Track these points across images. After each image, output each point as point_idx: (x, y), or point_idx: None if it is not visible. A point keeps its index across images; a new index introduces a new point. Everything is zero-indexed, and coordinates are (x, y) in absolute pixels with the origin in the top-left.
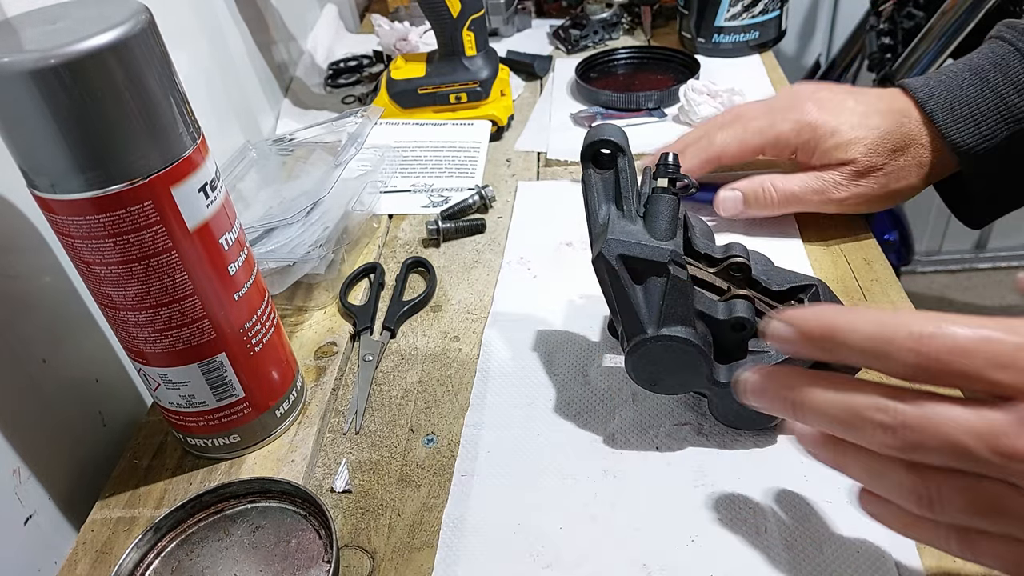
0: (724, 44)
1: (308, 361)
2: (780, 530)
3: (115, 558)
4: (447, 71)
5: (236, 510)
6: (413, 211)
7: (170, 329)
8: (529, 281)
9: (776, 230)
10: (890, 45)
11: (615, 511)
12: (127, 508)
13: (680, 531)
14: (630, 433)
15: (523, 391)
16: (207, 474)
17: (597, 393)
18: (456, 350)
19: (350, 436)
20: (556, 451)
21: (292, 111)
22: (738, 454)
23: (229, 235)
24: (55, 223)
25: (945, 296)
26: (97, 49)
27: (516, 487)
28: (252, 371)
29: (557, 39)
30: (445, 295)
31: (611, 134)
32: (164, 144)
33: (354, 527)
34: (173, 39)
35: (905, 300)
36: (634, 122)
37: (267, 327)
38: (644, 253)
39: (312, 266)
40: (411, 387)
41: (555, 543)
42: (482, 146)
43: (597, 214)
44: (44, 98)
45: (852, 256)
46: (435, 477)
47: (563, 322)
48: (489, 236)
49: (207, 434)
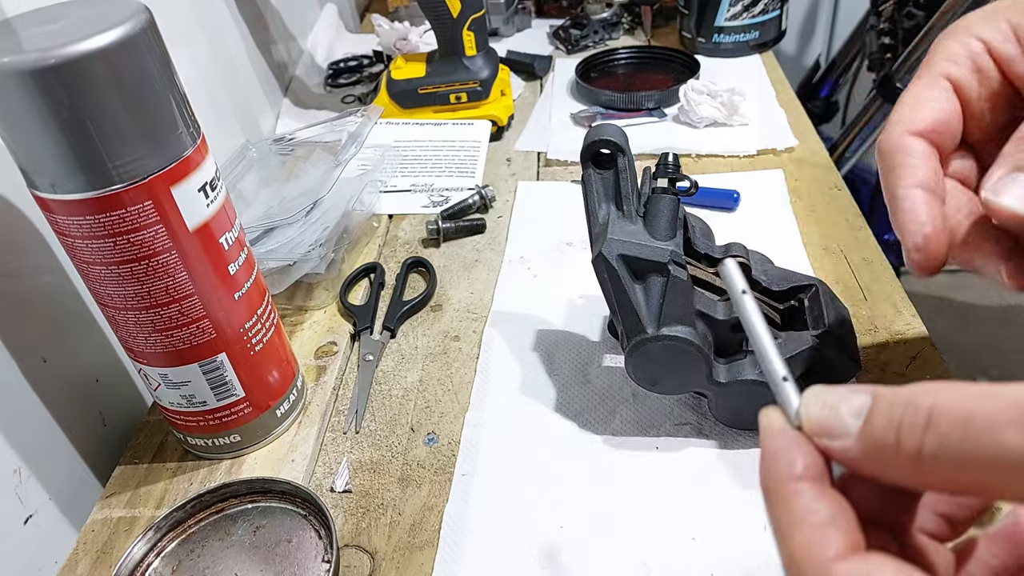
0: (724, 44)
1: (308, 361)
2: None
3: (115, 558)
4: (447, 71)
5: (236, 510)
6: (413, 211)
7: (170, 329)
8: (529, 281)
9: (776, 230)
10: (890, 45)
11: (615, 511)
12: (127, 508)
13: (680, 531)
14: (630, 433)
15: (523, 391)
16: (207, 474)
17: (597, 393)
18: (456, 350)
19: (350, 436)
20: (556, 451)
21: (292, 111)
22: (738, 454)
23: (229, 235)
24: (55, 223)
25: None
26: (97, 49)
27: (516, 487)
28: (252, 371)
29: (557, 39)
30: (445, 295)
31: (611, 134)
32: (164, 144)
33: (354, 527)
34: (173, 39)
35: (905, 300)
36: (634, 122)
37: (267, 327)
38: (644, 253)
39: (312, 266)
40: (411, 387)
41: (555, 543)
42: (482, 146)
43: (597, 214)
44: (44, 98)
45: (852, 256)
46: (435, 477)
47: (563, 322)
48: (489, 236)
49: (207, 434)
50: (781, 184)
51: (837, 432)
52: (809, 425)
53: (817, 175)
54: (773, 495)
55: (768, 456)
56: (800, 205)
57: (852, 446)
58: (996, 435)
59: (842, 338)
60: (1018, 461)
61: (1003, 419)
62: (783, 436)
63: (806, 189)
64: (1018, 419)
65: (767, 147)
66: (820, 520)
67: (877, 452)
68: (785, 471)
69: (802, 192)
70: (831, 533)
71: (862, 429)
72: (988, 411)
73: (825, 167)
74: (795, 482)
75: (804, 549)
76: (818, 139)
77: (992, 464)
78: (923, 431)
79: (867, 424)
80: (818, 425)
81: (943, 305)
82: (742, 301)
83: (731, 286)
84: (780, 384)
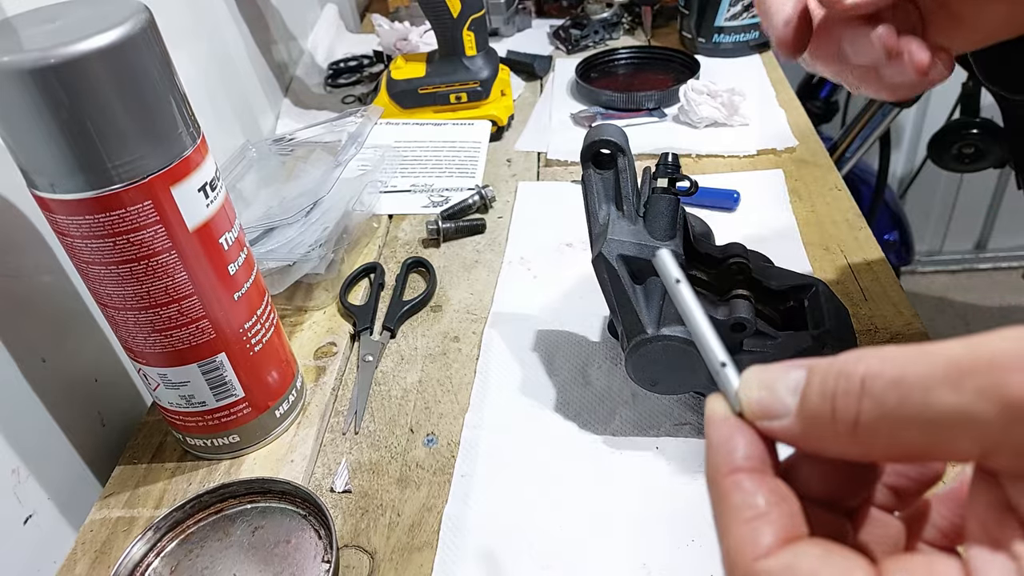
0: (724, 44)
1: (308, 361)
2: None
3: (114, 558)
4: (447, 71)
5: (236, 510)
6: (413, 211)
7: (170, 329)
8: (529, 281)
9: (776, 230)
10: None
11: (615, 511)
12: (127, 508)
13: (680, 531)
14: (630, 433)
15: (523, 391)
16: (207, 474)
17: (597, 393)
18: (456, 350)
19: (350, 436)
20: (556, 451)
21: (292, 111)
22: None
23: (229, 235)
24: (55, 223)
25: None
26: (97, 49)
27: (516, 487)
28: (252, 371)
29: (557, 39)
30: (445, 295)
31: (611, 134)
32: (164, 144)
33: (354, 527)
34: (173, 39)
35: (905, 300)
36: (634, 122)
37: (267, 327)
38: (644, 253)
39: (312, 266)
40: (411, 387)
41: (555, 543)
42: (482, 146)
43: (597, 214)
44: (44, 98)
45: (852, 256)
46: (435, 477)
47: (563, 322)
48: (489, 236)
49: (207, 434)
50: (781, 184)
51: (776, 411)
52: (748, 408)
53: (817, 175)
54: (714, 488)
55: (711, 448)
56: (800, 205)
57: (791, 424)
58: (931, 395)
59: (842, 338)
60: (954, 419)
61: (937, 378)
62: (724, 425)
63: (806, 189)
64: (951, 377)
65: (767, 147)
66: (752, 514)
67: (816, 426)
68: (724, 463)
69: (802, 192)
70: (762, 527)
71: (799, 405)
72: (921, 371)
73: (825, 167)
74: (733, 474)
75: (736, 545)
76: (818, 139)
77: (930, 424)
78: (858, 399)
79: (803, 399)
80: (757, 407)
81: (943, 305)
82: (677, 290)
83: (665, 276)
84: (720, 371)
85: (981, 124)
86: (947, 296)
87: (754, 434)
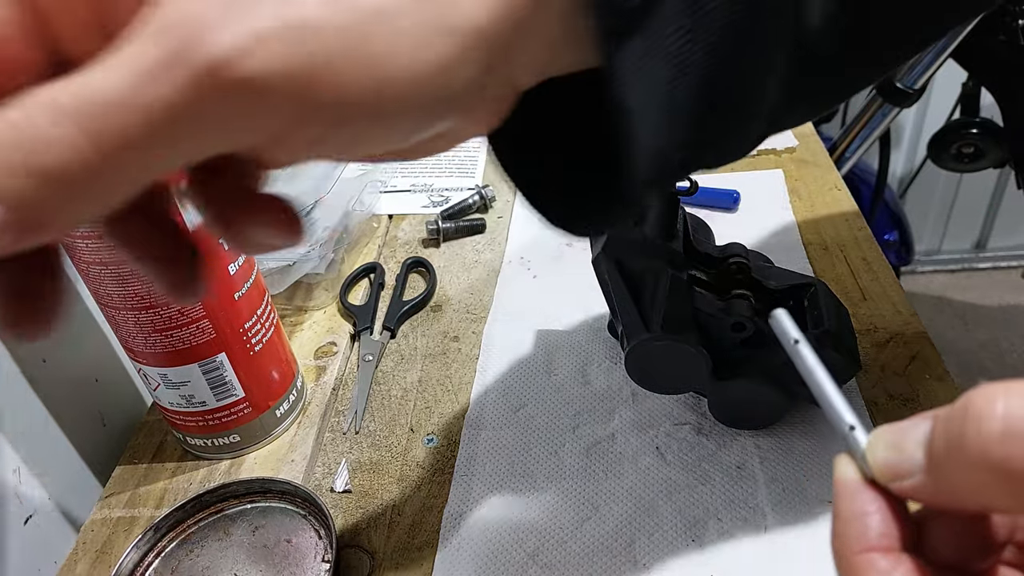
0: None
1: (308, 361)
2: (780, 530)
3: (115, 558)
4: None
5: (236, 510)
6: (413, 211)
7: (170, 329)
8: (529, 281)
9: (776, 230)
10: None
11: (615, 511)
12: (127, 508)
13: (680, 531)
14: (630, 433)
15: (523, 391)
16: (207, 474)
17: (597, 393)
18: (456, 350)
19: (350, 436)
20: (556, 451)
21: None
22: (738, 454)
23: None
24: None
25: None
26: None
27: (516, 487)
28: (252, 371)
29: None
30: (445, 295)
31: None
32: None
33: (354, 527)
34: None
35: (905, 300)
36: None
37: (267, 327)
38: (644, 253)
39: (312, 266)
40: (411, 387)
41: (554, 543)
42: (482, 146)
43: None
44: None
45: (852, 256)
46: (435, 477)
47: (563, 322)
48: (489, 236)
49: (207, 434)
50: (781, 184)
51: (905, 470)
52: (878, 471)
53: (817, 175)
54: (844, 563)
55: (840, 519)
56: (800, 205)
57: (922, 480)
58: None
59: (842, 338)
60: None
61: None
62: (857, 497)
63: (806, 189)
64: None
65: (767, 147)
66: None
67: (945, 474)
68: (856, 541)
69: (802, 192)
70: None
71: (927, 456)
72: None
73: (825, 167)
74: (867, 553)
75: None
76: (818, 139)
77: None
78: (987, 434)
79: (930, 447)
80: (886, 469)
81: (943, 305)
82: (797, 352)
83: (783, 336)
84: (848, 435)
85: (981, 124)
86: (946, 296)
87: (887, 507)
